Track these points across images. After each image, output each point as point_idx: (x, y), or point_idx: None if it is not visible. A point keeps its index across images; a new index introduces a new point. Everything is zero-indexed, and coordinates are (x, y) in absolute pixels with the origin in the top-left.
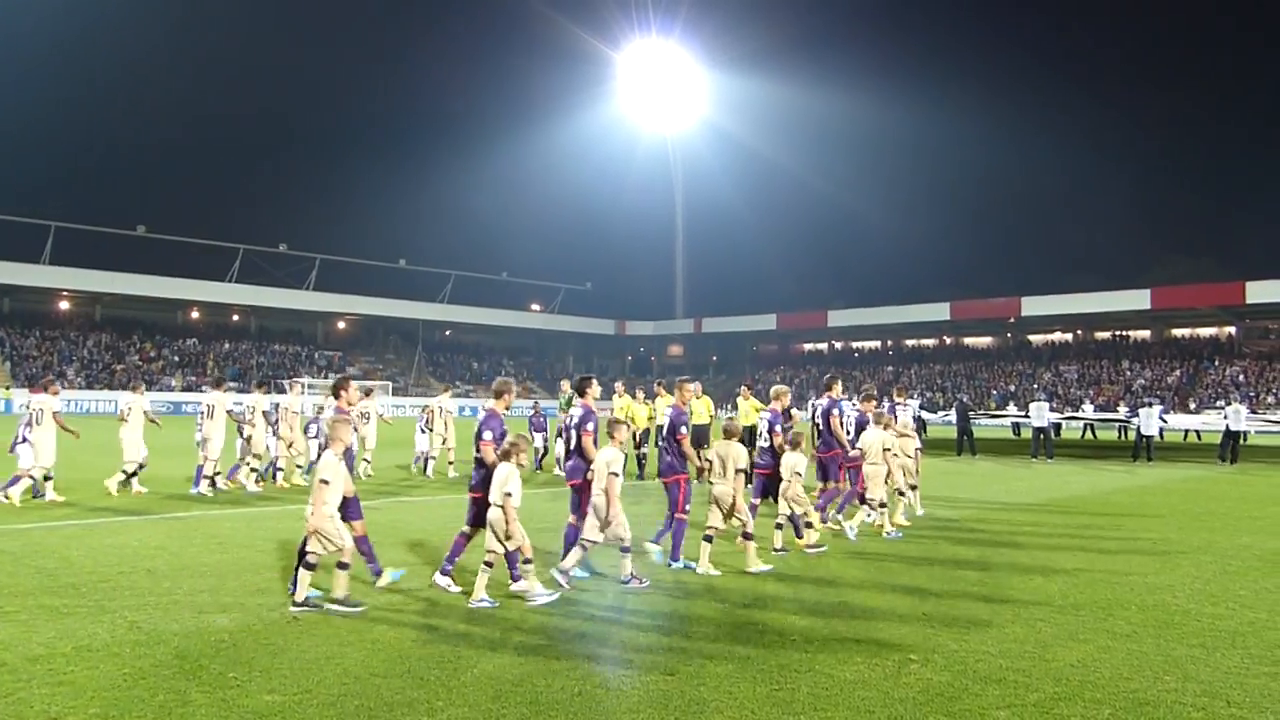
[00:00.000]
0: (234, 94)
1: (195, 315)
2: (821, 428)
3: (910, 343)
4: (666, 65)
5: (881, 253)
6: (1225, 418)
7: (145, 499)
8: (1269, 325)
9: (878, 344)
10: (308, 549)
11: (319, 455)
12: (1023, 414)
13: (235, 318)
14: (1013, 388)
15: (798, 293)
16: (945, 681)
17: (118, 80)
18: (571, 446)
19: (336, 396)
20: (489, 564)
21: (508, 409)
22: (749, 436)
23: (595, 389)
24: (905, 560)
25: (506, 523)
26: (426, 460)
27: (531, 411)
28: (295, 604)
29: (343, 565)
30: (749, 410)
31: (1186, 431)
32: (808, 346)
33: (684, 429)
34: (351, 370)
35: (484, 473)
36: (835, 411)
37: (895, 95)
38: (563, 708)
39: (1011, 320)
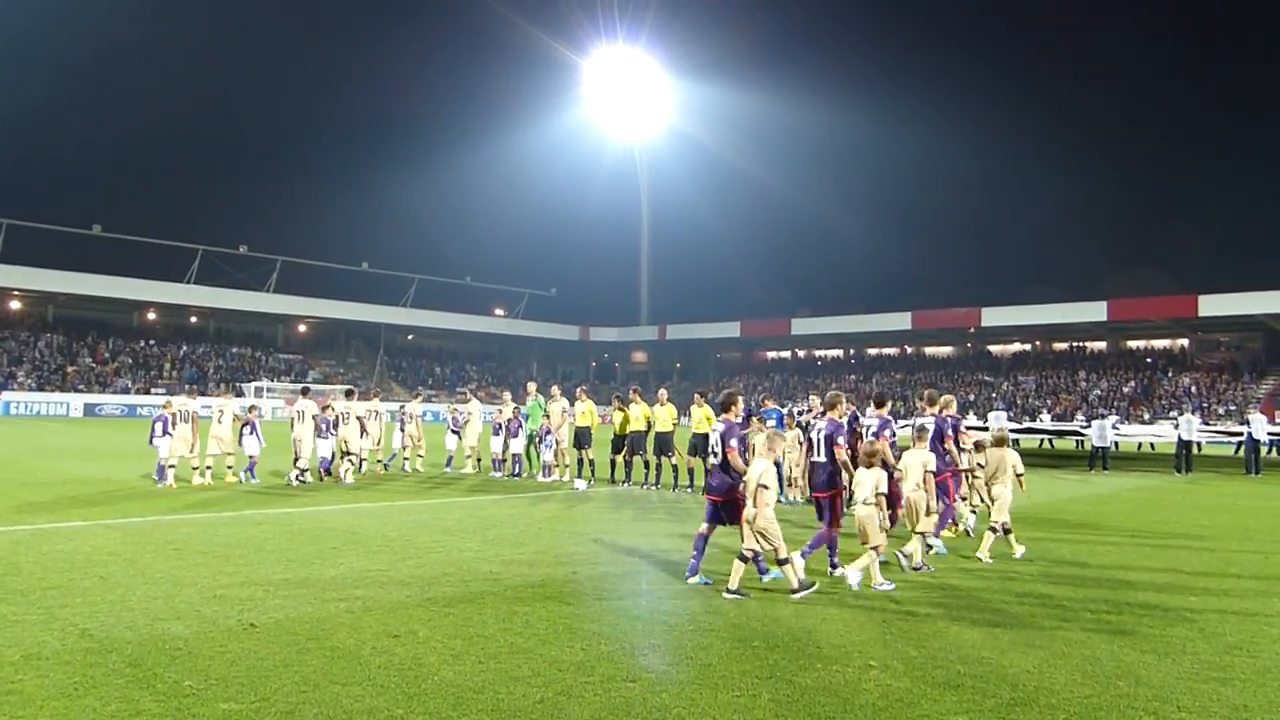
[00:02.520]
0: (195, 93)
1: (152, 317)
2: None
3: (873, 351)
4: (633, 72)
5: (844, 262)
6: (1177, 428)
7: (113, 503)
8: (1220, 338)
9: (840, 352)
10: (746, 546)
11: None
12: (982, 424)
13: (193, 319)
14: (972, 397)
15: (762, 300)
16: (904, 688)
17: (73, 76)
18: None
19: (726, 410)
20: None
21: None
22: (701, 445)
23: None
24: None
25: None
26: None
27: (509, 416)
28: (729, 591)
29: (783, 561)
30: (702, 418)
31: (1140, 443)
32: (771, 354)
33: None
34: (312, 374)
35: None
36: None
37: (857, 105)
38: (524, 715)
39: (972, 330)
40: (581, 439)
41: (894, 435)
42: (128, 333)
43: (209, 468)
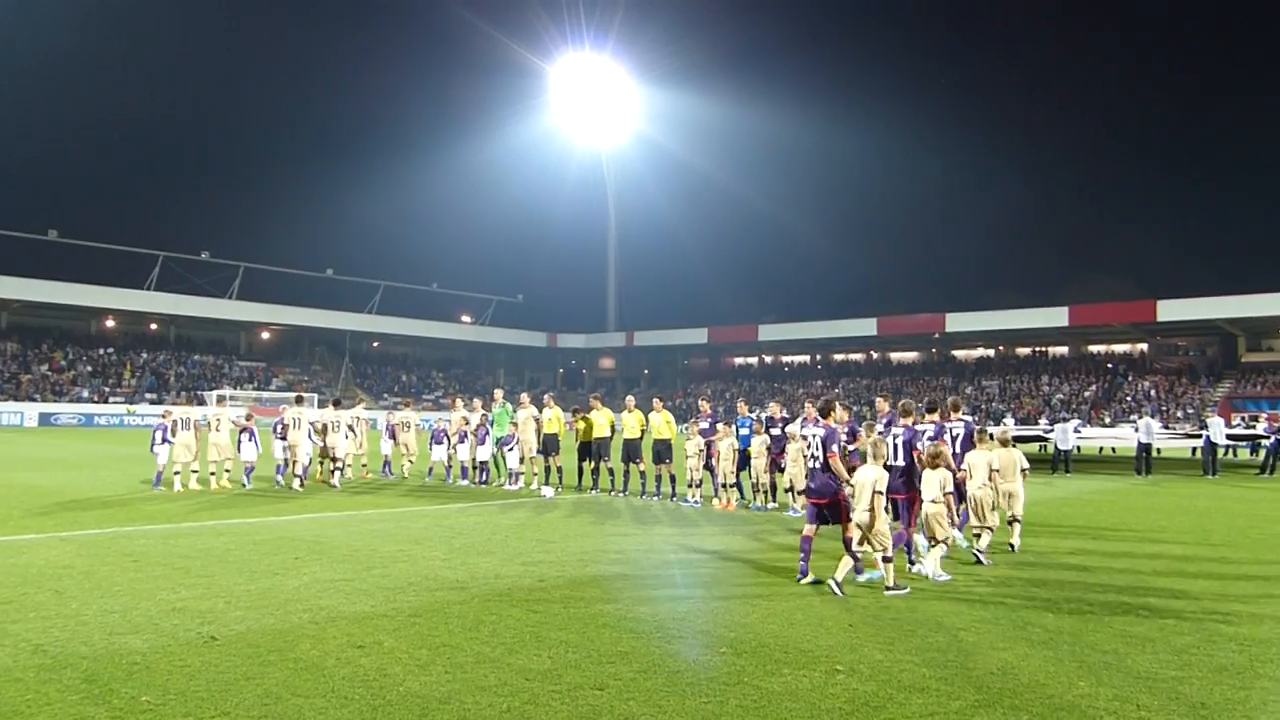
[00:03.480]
0: (156, 97)
1: (110, 324)
2: (819, 462)
3: (839, 357)
4: (599, 79)
5: (811, 268)
6: (1137, 431)
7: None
8: (1178, 342)
9: (807, 358)
10: (855, 548)
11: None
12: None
13: (153, 327)
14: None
15: (729, 307)
16: (871, 691)
17: (28, 78)
18: (818, 464)
19: (826, 416)
20: (887, 558)
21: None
22: (664, 450)
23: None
24: (830, 570)
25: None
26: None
27: (477, 423)
28: (888, 589)
29: (887, 559)
30: (662, 424)
31: (1101, 447)
32: (738, 360)
33: (835, 447)
34: (276, 382)
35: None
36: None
37: (821, 113)
38: None
39: (936, 336)
40: (549, 446)
41: (951, 439)
42: (85, 340)
43: (212, 474)
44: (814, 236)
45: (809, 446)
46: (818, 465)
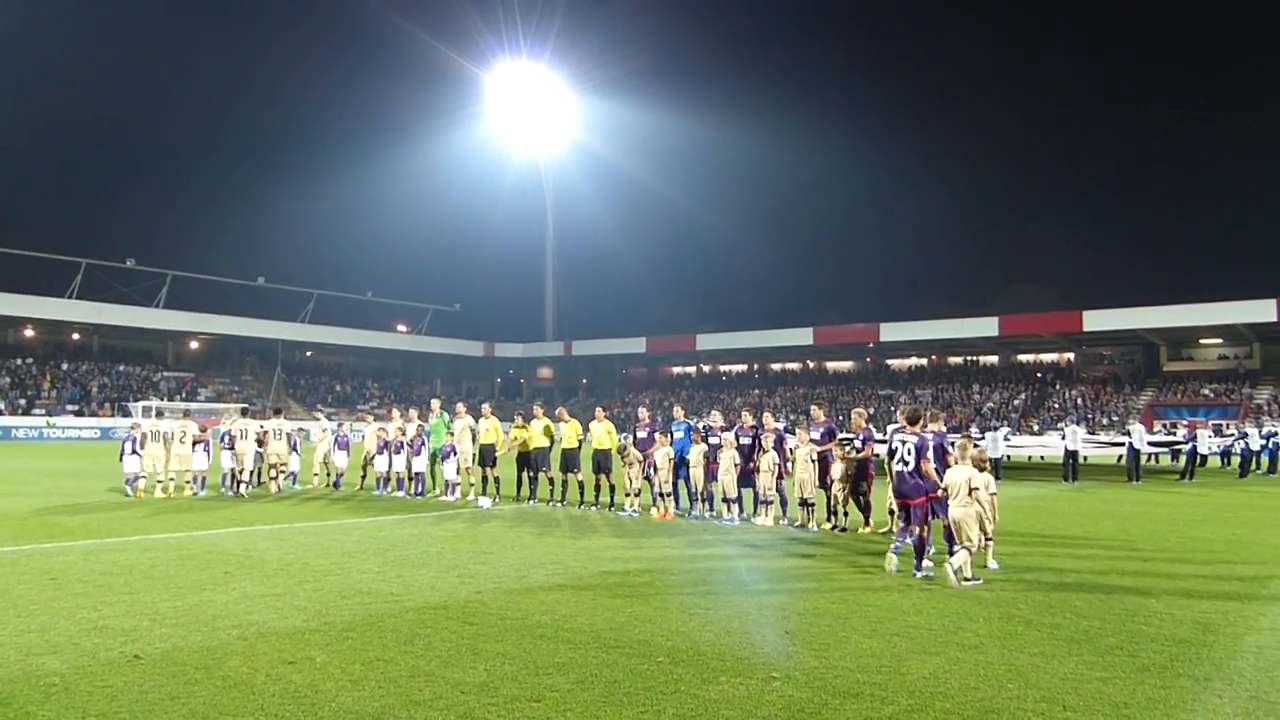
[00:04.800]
0: (79, 99)
1: (30, 333)
2: (910, 467)
3: (776, 366)
4: (537, 88)
5: (748, 278)
6: (1064, 438)
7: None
8: (1103, 352)
9: (744, 367)
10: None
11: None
12: (881, 437)
13: (75, 336)
14: (872, 410)
15: (667, 316)
16: (806, 697)
17: None
18: (908, 469)
19: (914, 424)
20: (967, 550)
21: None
22: (604, 461)
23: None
24: (767, 578)
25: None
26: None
27: (413, 434)
28: (965, 580)
29: (968, 550)
30: (603, 434)
31: (1030, 455)
32: (677, 369)
33: (929, 454)
34: (205, 392)
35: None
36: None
37: (757, 123)
38: None
39: (871, 345)
40: (486, 456)
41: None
42: (2, 350)
43: (171, 479)
44: (751, 247)
45: (905, 451)
46: (908, 470)
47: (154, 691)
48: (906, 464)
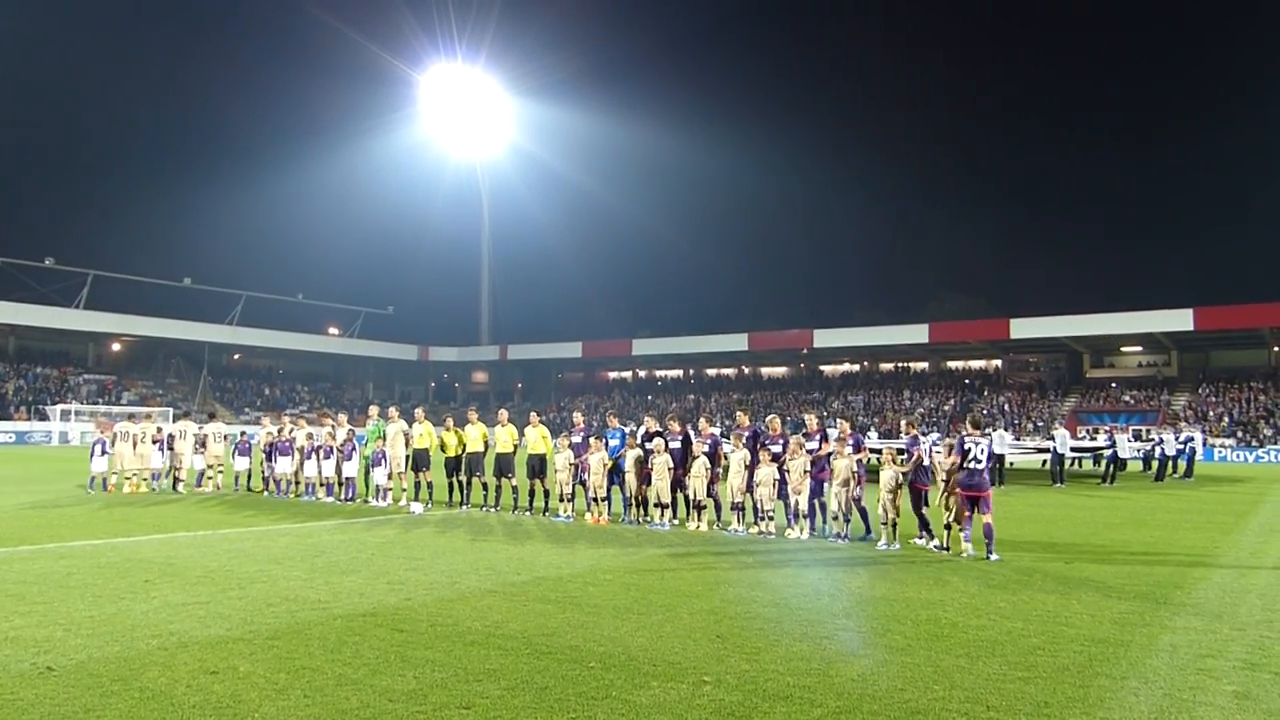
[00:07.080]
0: None
1: None
2: (979, 463)
3: (711, 372)
4: (472, 90)
5: (684, 283)
6: (991, 443)
7: None
8: (1029, 359)
9: (680, 372)
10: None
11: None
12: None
13: None
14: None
15: (603, 321)
16: (737, 701)
17: None
18: (979, 466)
19: (976, 429)
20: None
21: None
22: (539, 465)
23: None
24: (699, 582)
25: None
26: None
27: (344, 439)
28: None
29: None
30: (538, 439)
31: None
32: (613, 374)
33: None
34: (128, 395)
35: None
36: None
37: (692, 129)
38: None
39: (805, 351)
40: (419, 461)
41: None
42: None
43: (129, 478)
44: (687, 252)
45: (979, 451)
46: (980, 467)
47: (67, 705)
48: (979, 462)
